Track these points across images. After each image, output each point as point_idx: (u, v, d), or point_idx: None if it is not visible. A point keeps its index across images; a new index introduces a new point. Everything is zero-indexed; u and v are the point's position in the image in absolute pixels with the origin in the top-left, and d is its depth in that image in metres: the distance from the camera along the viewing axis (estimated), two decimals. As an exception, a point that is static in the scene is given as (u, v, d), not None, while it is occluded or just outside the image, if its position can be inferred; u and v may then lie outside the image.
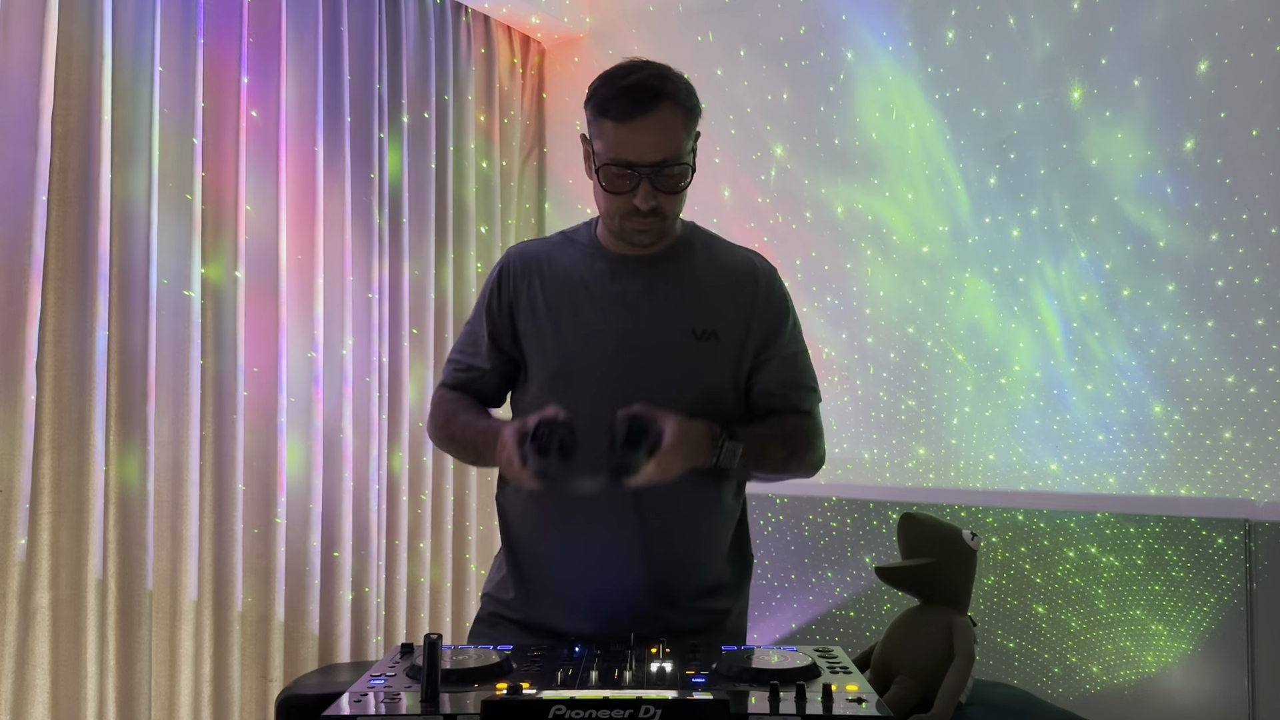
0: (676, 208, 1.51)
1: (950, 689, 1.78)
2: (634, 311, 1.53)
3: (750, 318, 1.55)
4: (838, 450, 2.94)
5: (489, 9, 3.29)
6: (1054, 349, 2.62)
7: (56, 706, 2.17)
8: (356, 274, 2.84)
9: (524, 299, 1.59)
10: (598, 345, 1.53)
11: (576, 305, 1.56)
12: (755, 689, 1.18)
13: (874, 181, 2.90)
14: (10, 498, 2.09)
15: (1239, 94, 2.39)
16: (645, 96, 1.42)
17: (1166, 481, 2.47)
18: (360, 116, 2.88)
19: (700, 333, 1.52)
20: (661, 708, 1.02)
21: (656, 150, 1.43)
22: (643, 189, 1.45)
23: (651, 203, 1.45)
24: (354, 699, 1.15)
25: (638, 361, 1.52)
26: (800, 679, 1.21)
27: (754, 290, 1.57)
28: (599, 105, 1.46)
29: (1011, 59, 2.69)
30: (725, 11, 3.17)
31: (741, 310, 1.55)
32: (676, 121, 1.45)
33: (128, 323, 2.32)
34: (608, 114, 1.44)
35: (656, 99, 1.42)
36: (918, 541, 2.17)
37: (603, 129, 1.46)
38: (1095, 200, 2.57)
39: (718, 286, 1.56)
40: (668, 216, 1.49)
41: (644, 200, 1.45)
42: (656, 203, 1.46)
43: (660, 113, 1.43)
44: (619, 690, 1.13)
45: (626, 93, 1.43)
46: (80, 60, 2.22)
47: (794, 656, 1.30)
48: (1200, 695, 2.34)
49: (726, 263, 1.60)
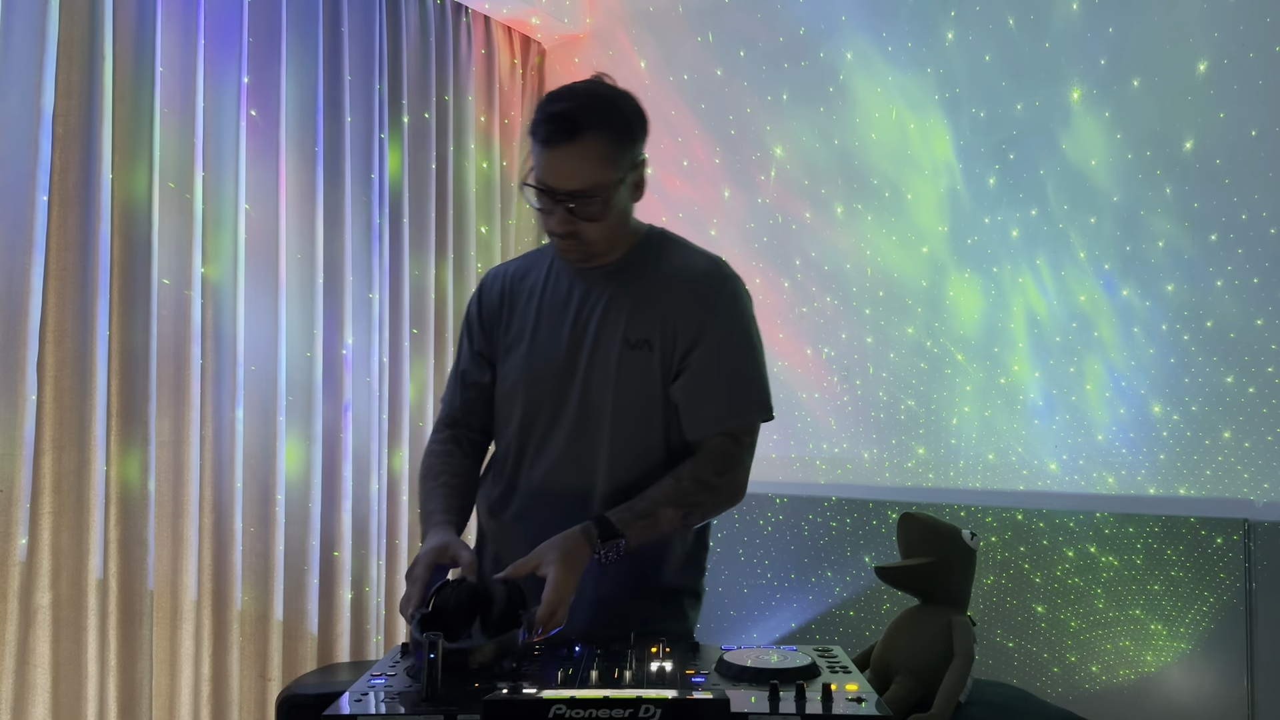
0: (600, 233, 1.51)
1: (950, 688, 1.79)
2: (584, 324, 1.56)
3: (679, 325, 1.53)
4: (837, 450, 2.94)
5: (489, 9, 3.29)
6: (1053, 349, 2.62)
7: (57, 706, 2.17)
8: (356, 274, 2.85)
9: (501, 319, 1.64)
10: (549, 361, 1.56)
11: (539, 322, 1.59)
12: (755, 688, 1.18)
13: (874, 182, 2.90)
14: (11, 497, 2.09)
15: (1238, 94, 2.39)
16: (566, 126, 1.43)
17: (1166, 481, 2.47)
18: (360, 116, 2.88)
19: (634, 341, 1.52)
20: (661, 707, 1.02)
21: (572, 180, 1.45)
22: (559, 214, 1.48)
23: (568, 228, 1.48)
24: (354, 699, 1.15)
25: (578, 375, 1.54)
26: (800, 678, 1.21)
27: (688, 297, 1.55)
28: (530, 124, 1.49)
29: (1011, 59, 2.69)
30: (725, 12, 3.17)
31: (674, 317, 1.53)
32: (596, 153, 1.45)
33: (128, 323, 2.32)
34: (534, 135, 1.47)
35: (576, 130, 1.43)
36: (917, 541, 2.17)
37: (532, 148, 1.49)
38: (1095, 200, 2.57)
39: (661, 295, 1.55)
40: (589, 242, 1.51)
41: (559, 225, 1.49)
42: (574, 228, 1.48)
43: (580, 144, 1.43)
44: (619, 690, 1.13)
45: (550, 120, 1.44)
46: (81, 60, 2.22)
47: (794, 656, 1.30)
48: (1199, 695, 2.34)
49: (676, 271, 1.58)
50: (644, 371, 1.52)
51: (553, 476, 1.56)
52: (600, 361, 1.53)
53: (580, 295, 1.58)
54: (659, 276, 1.57)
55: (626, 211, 1.57)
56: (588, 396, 1.53)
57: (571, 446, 1.54)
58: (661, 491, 1.50)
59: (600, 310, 1.55)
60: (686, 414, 1.54)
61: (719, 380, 1.53)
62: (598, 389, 1.53)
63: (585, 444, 1.54)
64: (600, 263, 1.57)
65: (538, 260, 1.68)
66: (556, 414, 1.56)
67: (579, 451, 1.54)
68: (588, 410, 1.53)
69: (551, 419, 1.56)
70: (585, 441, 1.54)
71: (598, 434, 1.53)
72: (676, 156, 3.23)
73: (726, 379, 1.54)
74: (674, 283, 1.56)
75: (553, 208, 1.48)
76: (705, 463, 1.53)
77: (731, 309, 1.56)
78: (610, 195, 1.48)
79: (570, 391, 1.54)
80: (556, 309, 1.59)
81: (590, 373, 1.54)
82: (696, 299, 1.54)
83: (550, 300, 1.60)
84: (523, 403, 1.58)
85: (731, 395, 1.54)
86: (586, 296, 1.57)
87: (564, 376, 1.55)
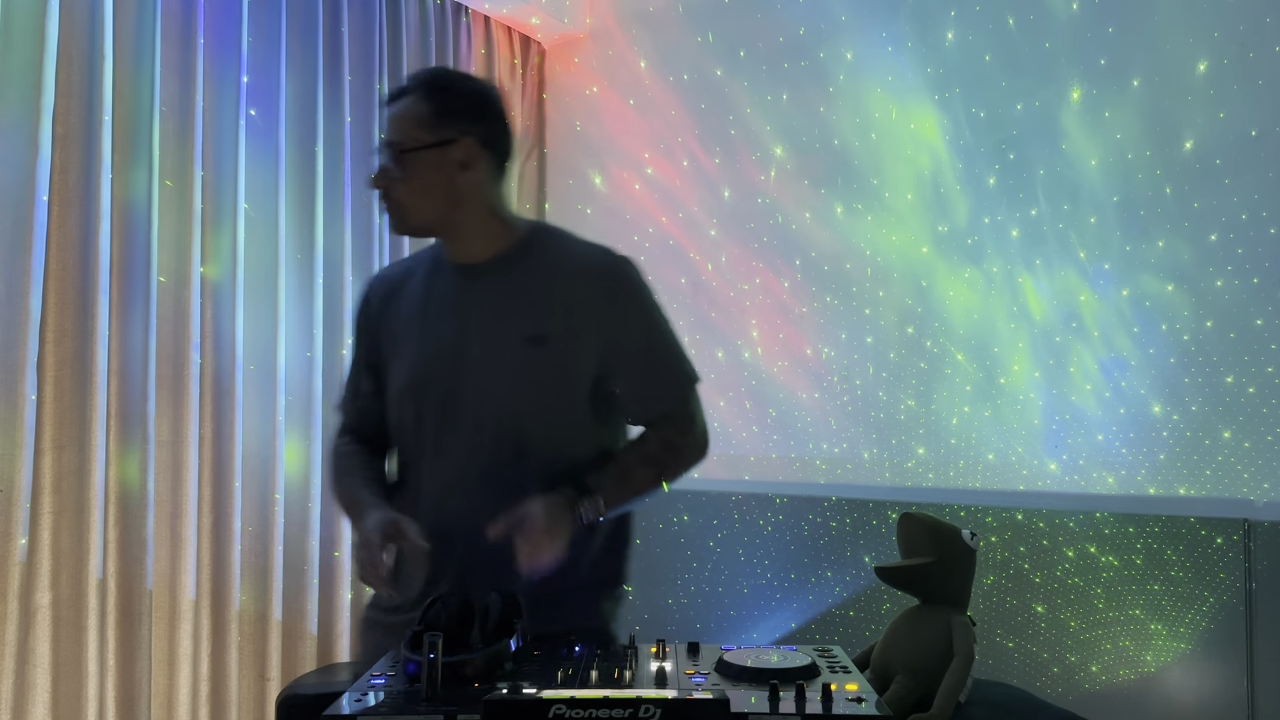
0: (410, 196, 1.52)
1: (950, 688, 1.79)
2: (469, 323, 1.53)
3: (586, 318, 1.52)
4: (837, 450, 2.94)
5: (489, 9, 3.29)
6: (1053, 349, 2.62)
7: (57, 705, 2.17)
8: (356, 274, 2.84)
9: (383, 324, 1.63)
10: (437, 361, 1.54)
11: (422, 323, 1.58)
12: (755, 688, 1.18)
13: (874, 182, 2.90)
14: (11, 497, 2.09)
15: (1238, 94, 2.39)
16: (398, 90, 1.55)
17: (1166, 481, 2.47)
18: (360, 116, 2.88)
19: (531, 338, 1.50)
20: (661, 707, 1.02)
21: (392, 132, 1.52)
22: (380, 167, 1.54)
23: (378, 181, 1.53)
24: (354, 699, 1.15)
25: (473, 374, 1.51)
26: (800, 678, 1.21)
27: (591, 289, 1.54)
28: None
29: (1011, 59, 2.69)
30: (725, 12, 3.17)
31: (576, 311, 1.52)
32: (410, 114, 1.51)
33: (128, 323, 2.32)
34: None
35: (404, 92, 1.54)
36: (917, 541, 2.17)
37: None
38: (1094, 200, 2.57)
39: (554, 289, 1.53)
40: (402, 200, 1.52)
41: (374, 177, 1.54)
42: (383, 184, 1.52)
43: (402, 103, 1.53)
44: (619, 690, 1.13)
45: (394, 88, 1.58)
46: (81, 60, 2.22)
47: (794, 656, 1.30)
48: (1199, 694, 2.34)
49: (567, 263, 1.57)
50: (547, 368, 1.51)
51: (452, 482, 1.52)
52: (492, 360, 1.51)
53: (465, 293, 1.56)
54: (549, 270, 1.55)
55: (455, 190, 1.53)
56: (481, 397, 1.51)
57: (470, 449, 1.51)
58: (631, 456, 1.56)
59: (488, 307, 1.54)
60: (635, 401, 1.58)
61: (659, 363, 1.58)
62: (490, 388, 1.51)
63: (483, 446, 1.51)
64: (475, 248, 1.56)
65: (420, 261, 1.66)
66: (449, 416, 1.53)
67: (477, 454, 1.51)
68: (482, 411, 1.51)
69: (445, 422, 1.53)
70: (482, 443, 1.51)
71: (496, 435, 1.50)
72: (677, 156, 3.23)
73: (664, 359, 1.59)
74: (570, 276, 1.54)
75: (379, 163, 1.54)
76: (666, 428, 1.58)
77: (639, 293, 1.58)
78: (413, 156, 1.50)
79: (461, 393, 1.52)
80: (441, 309, 1.57)
81: (482, 372, 1.51)
82: (601, 290, 1.54)
83: (434, 301, 1.58)
84: (413, 408, 1.56)
85: (673, 373, 1.60)
86: (471, 294, 1.55)
87: (454, 378, 1.52)
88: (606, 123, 3.41)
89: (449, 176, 1.52)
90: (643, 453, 1.57)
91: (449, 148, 1.51)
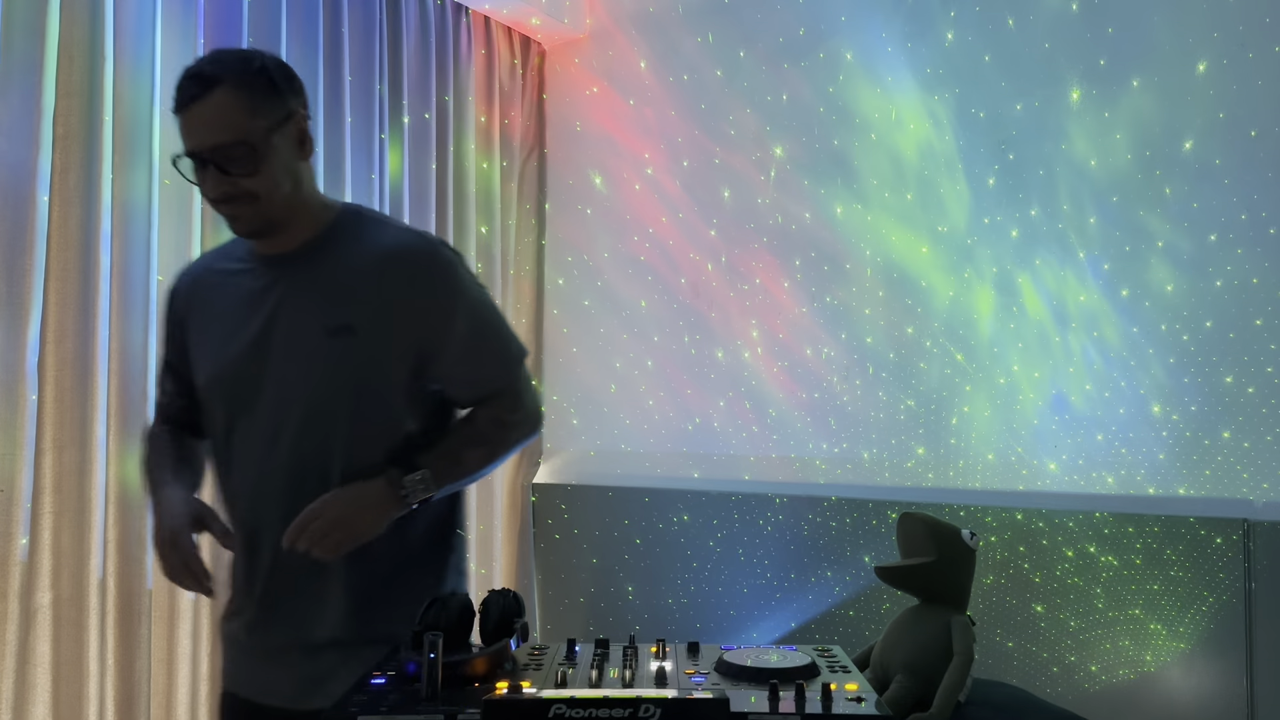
0: (265, 190, 1.41)
1: (949, 688, 1.79)
2: (270, 314, 1.46)
3: (396, 307, 1.44)
4: (837, 450, 2.94)
5: (489, 10, 3.29)
6: (1053, 349, 2.63)
7: (57, 705, 2.17)
8: (357, 274, 2.85)
9: (189, 320, 1.56)
10: (238, 355, 1.47)
11: (225, 316, 1.51)
12: (755, 688, 1.18)
13: (873, 182, 2.90)
14: (12, 497, 2.10)
15: (1238, 94, 2.39)
16: (197, 83, 1.39)
17: (1165, 481, 2.47)
18: (361, 117, 2.88)
19: (333, 328, 1.43)
20: (661, 707, 1.03)
21: (213, 134, 1.38)
22: (211, 177, 1.40)
23: (224, 189, 1.40)
24: (354, 698, 1.15)
25: (274, 367, 1.45)
26: (800, 678, 1.21)
27: (402, 276, 1.46)
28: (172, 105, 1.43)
29: (1011, 59, 2.69)
30: (725, 12, 3.17)
31: (385, 299, 1.44)
32: (233, 102, 1.38)
33: (128, 323, 2.32)
34: (173, 110, 1.41)
35: (209, 85, 1.38)
36: (917, 541, 2.17)
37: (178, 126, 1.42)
38: (1094, 200, 2.57)
39: (361, 277, 1.45)
40: (258, 198, 1.41)
41: (214, 189, 1.40)
42: (231, 188, 1.40)
43: (214, 97, 1.38)
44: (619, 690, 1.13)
45: (180, 84, 1.40)
46: (81, 60, 2.22)
47: (793, 655, 1.30)
48: (1199, 694, 2.35)
49: (377, 250, 1.48)
50: (351, 360, 1.43)
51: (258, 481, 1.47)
52: (295, 354, 1.44)
53: (268, 285, 1.48)
54: (357, 257, 1.47)
55: (295, 171, 1.45)
56: (281, 393, 1.44)
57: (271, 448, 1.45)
58: (460, 434, 1.51)
59: (291, 298, 1.46)
60: (461, 386, 1.52)
61: (482, 345, 1.52)
62: (291, 384, 1.44)
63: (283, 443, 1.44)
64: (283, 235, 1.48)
65: (226, 253, 1.58)
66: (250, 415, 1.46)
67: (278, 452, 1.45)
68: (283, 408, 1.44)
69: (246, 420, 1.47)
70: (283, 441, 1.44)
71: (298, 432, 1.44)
72: (677, 156, 3.23)
73: (487, 340, 1.52)
74: (379, 263, 1.46)
75: (204, 174, 1.40)
76: (496, 406, 1.52)
77: (453, 277, 1.50)
78: (260, 145, 1.39)
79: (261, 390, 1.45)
80: (244, 302, 1.49)
81: (285, 367, 1.44)
82: (413, 277, 1.46)
83: (237, 294, 1.50)
84: (214, 408, 1.50)
85: (498, 352, 1.54)
86: (275, 285, 1.48)
87: (255, 374, 1.46)
88: (606, 123, 3.41)
89: (291, 160, 1.45)
90: (472, 431, 1.51)
91: (285, 127, 1.43)
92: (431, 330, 1.46)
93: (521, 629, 1.33)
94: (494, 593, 1.36)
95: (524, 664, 1.30)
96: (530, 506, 3.42)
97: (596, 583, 3.26)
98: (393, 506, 1.40)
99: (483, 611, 1.34)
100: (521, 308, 3.48)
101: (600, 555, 3.24)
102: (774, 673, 1.21)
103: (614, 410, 3.34)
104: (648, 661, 1.29)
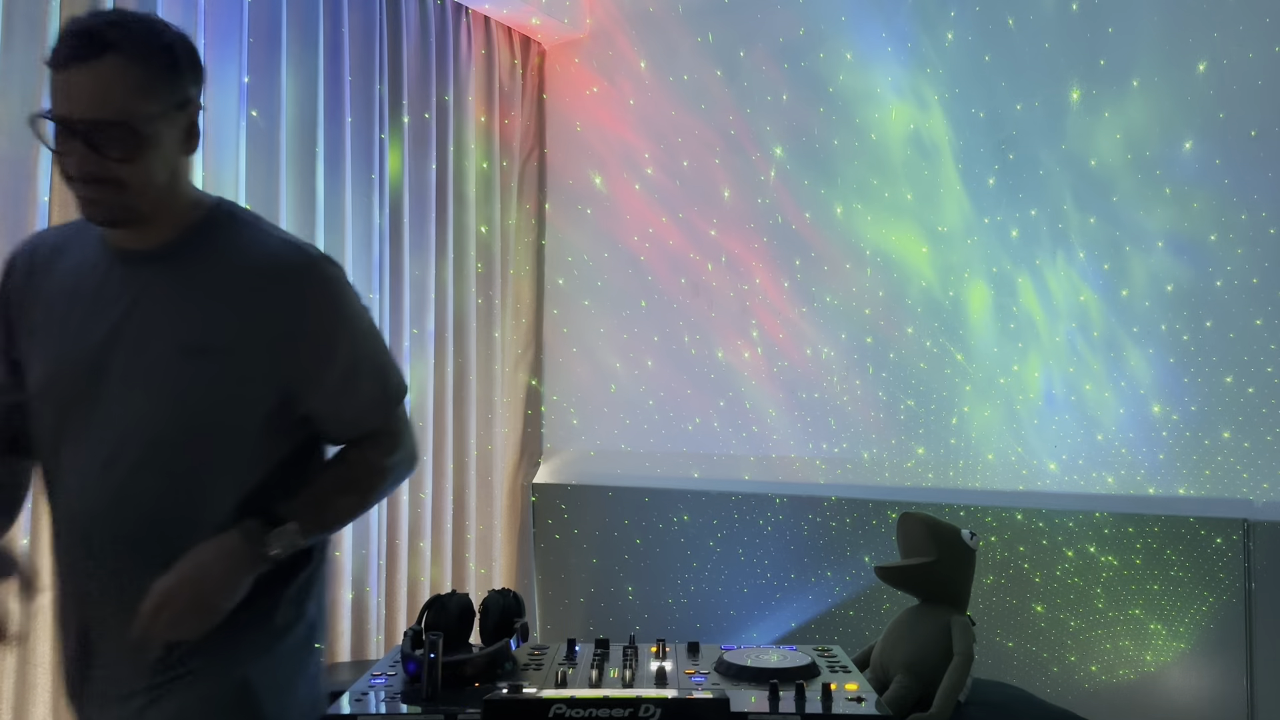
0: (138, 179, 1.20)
1: (949, 688, 1.79)
2: (117, 324, 1.24)
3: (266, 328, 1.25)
4: (837, 450, 2.94)
5: (489, 10, 3.29)
6: (1053, 349, 2.63)
7: (58, 705, 2.17)
8: (356, 274, 2.85)
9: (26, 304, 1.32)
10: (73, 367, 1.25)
11: (68, 313, 1.27)
12: (755, 688, 1.18)
13: (873, 182, 2.90)
14: (11, 497, 2.09)
15: (1237, 95, 2.39)
16: (89, 42, 1.16)
17: (1165, 481, 2.47)
18: (361, 117, 2.88)
19: (189, 348, 1.23)
20: (661, 706, 1.03)
21: (95, 106, 1.16)
22: (78, 152, 1.17)
23: (88, 168, 1.17)
24: (354, 698, 1.15)
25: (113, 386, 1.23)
26: (800, 678, 1.21)
27: (274, 294, 1.26)
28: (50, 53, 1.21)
29: (1011, 59, 2.69)
30: (725, 12, 3.17)
31: (253, 320, 1.25)
32: (121, 77, 1.16)
33: (128, 323, 2.32)
34: (51, 61, 1.19)
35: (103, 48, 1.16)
36: (917, 541, 2.17)
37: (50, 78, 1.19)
38: (1094, 201, 2.57)
39: (229, 289, 1.25)
40: (126, 187, 1.19)
41: (78, 166, 1.18)
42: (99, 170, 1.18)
43: (106, 63, 1.16)
44: (619, 689, 1.13)
45: (70, 36, 1.17)
46: (81, 60, 2.22)
47: (794, 655, 1.30)
48: (1199, 694, 2.35)
49: (251, 260, 1.27)
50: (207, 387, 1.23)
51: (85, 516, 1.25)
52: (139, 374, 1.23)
53: (122, 284, 1.26)
54: (224, 267, 1.27)
55: (174, 166, 1.25)
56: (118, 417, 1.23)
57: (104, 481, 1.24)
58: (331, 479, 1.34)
59: (146, 305, 1.25)
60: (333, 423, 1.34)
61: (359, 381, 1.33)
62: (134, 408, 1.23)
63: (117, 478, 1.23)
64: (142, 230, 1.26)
65: (75, 235, 1.33)
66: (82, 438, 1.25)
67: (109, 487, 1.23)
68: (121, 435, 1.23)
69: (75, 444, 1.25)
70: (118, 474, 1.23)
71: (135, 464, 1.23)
72: (676, 156, 3.23)
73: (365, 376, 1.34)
74: (251, 277, 1.26)
75: (69, 144, 1.17)
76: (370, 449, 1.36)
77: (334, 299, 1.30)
78: (144, 130, 1.18)
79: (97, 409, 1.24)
80: (91, 299, 1.26)
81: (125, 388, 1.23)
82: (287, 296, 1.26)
83: (86, 286, 1.27)
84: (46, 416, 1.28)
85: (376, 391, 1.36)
86: (124, 289, 1.25)
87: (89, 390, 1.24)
88: (606, 123, 3.41)
89: (174, 154, 1.24)
90: (346, 475, 1.35)
91: (176, 115, 1.23)
92: (305, 360, 1.27)
93: (521, 629, 1.33)
94: (494, 593, 1.36)
95: (524, 664, 1.30)
96: (530, 506, 3.42)
97: (596, 583, 3.26)
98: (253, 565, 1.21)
99: (483, 611, 1.34)
100: (521, 308, 3.48)
101: (600, 555, 3.24)
102: (774, 673, 1.21)
103: (614, 410, 3.34)
104: (648, 661, 1.29)
